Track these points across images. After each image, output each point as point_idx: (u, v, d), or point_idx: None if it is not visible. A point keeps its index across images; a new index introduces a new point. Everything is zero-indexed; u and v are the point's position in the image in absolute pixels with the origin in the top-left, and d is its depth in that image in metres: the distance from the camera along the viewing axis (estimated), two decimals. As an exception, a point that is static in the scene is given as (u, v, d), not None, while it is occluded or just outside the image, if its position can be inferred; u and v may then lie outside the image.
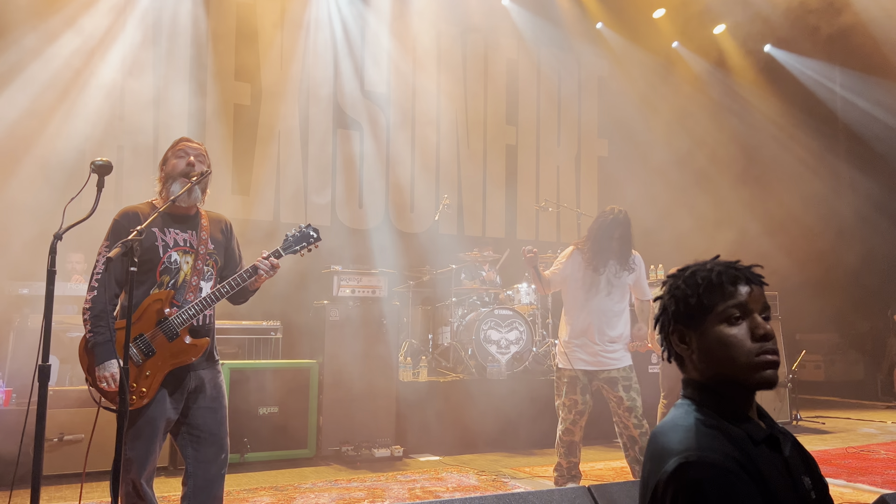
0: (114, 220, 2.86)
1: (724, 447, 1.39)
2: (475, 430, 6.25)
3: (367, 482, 4.95)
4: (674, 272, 1.64)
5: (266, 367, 5.71)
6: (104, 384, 2.72)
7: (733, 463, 1.36)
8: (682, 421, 1.48)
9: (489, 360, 6.66)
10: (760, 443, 1.46)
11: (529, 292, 7.48)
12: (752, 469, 1.37)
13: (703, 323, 1.52)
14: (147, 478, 2.78)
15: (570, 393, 4.54)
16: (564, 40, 10.14)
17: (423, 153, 9.15)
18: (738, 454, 1.38)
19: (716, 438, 1.41)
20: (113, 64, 7.25)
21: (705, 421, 1.46)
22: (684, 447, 1.39)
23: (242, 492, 4.62)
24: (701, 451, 1.37)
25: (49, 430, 4.64)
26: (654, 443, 1.50)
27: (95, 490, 4.59)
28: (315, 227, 3.07)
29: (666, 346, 1.62)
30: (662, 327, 1.61)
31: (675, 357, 1.61)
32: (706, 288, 1.52)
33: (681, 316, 1.55)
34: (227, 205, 7.57)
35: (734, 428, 1.46)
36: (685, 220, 10.25)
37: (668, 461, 1.39)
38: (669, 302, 1.58)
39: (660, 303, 1.62)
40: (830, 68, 11.25)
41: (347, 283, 6.07)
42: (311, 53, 8.41)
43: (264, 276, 2.92)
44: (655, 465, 1.44)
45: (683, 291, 1.55)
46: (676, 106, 10.68)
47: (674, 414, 1.54)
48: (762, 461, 1.42)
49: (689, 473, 1.35)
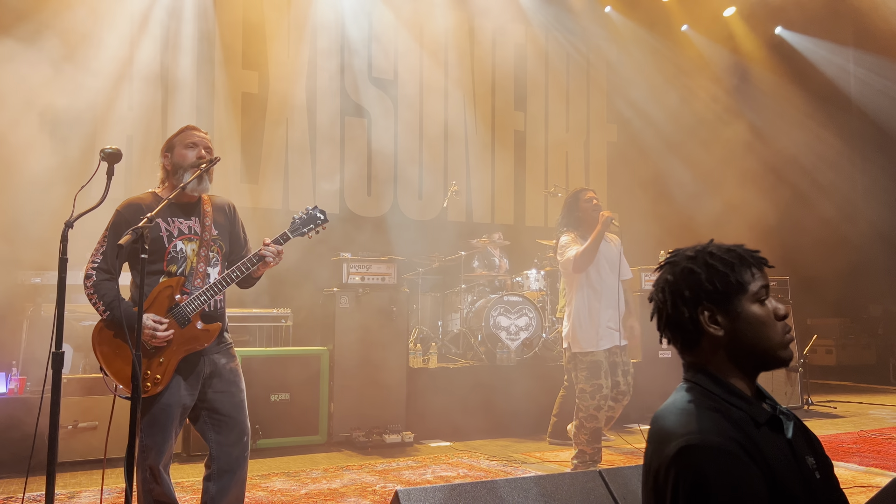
0: (116, 212, 2.86)
1: (726, 430, 1.39)
2: (485, 416, 6.27)
3: (378, 467, 4.98)
4: (673, 255, 1.59)
5: (277, 355, 5.74)
6: (153, 339, 2.72)
7: (735, 445, 1.35)
8: (684, 404, 1.48)
9: (499, 347, 6.67)
10: (763, 425, 1.45)
11: (539, 278, 7.47)
12: (755, 451, 1.37)
13: (740, 303, 1.50)
14: (165, 464, 2.81)
15: (594, 377, 4.56)
16: (573, 25, 10.07)
17: (430, 140, 9.13)
18: (740, 436, 1.38)
19: (718, 421, 1.41)
20: (119, 54, 7.25)
21: (707, 404, 1.46)
22: (686, 430, 1.39)
23: (255, 477, 4.66)
24: (702, 433, 1.37)
25: (63, 418, 4.69)
26: (655, 425, 1.50)
27: (110, 476, 4.63)
28: (322, 210, 3.07)
29: (684, 327, 1.54)
30: (685, 306, 1.53)
31: (685, 338, 1.56)
32: (740, 266, 1.52)
33: (716, 294, 1.50)
34: (236, 193, 7.59)
35: (736, 410, 1.45)
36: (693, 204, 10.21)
37: (670, 444, 1.39)
38: (702, 280, 1.51)
39: (679, 281, 1.55)
40: (843, 50, 11.12)
41: (357, 271, 6.08)
42: (319, 41, 8.38)
43: (271, 262, 2.92)
44: (657, 447, 1.44)
45: (719, 270, 1.51)
46: (686, 90, 10.60)
47: (675, 397, 1.53)
48: (765, 443, 1.41)
49: (691, 456, 1.35)
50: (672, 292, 1.56)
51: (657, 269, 1.62)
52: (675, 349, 1.59)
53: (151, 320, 2.74)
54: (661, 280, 1.59)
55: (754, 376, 1.54)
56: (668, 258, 1.61)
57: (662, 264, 1.61)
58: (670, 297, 1.56)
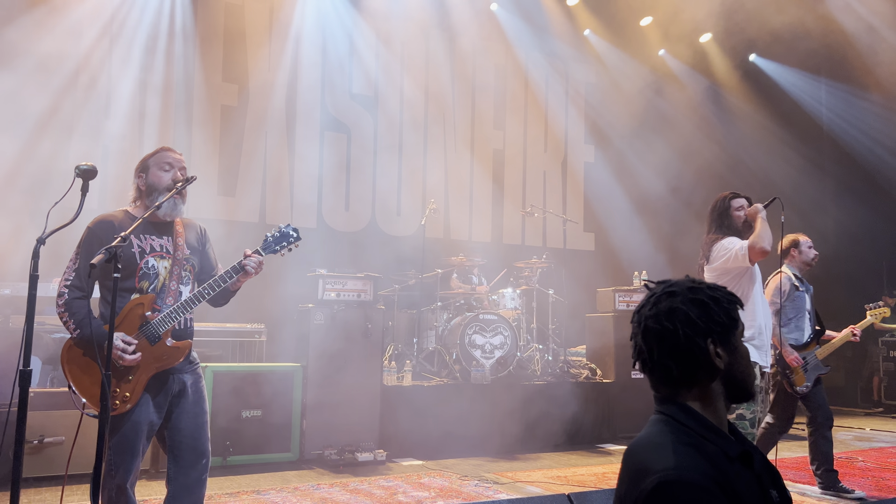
0: (87, 228, 2.85)
1: (702, 465, 1.41)
2: (458, 435, 6.26)
3: (349, 486, 4.95)
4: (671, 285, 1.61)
5: (250, 370, 5.69)
6: (121, 360, 2.71)
7: (710, 482, 1.38)
8: (660, 438, 1.50)
9: (473, 365, 6.68)
10: (735, 459, 1.48)
11: (514, 297, 7.51)
12: (728, 487, 1.40)
13: (735, 337, 1.58)
14: (131, 483, 2.79)
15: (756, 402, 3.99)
16: (552, 46, 10.20)
17: (409, 157, 9.16)
18: (714, 472, 1.40)
19: (693, 457, 1.43)
20: (98, 63, 7.21)
21: (682, 438, 1.48)
22: (662, 466, 1.40)
23: (224, 495, 4.61)
24: (679, 470, 1.39)
25: (29, 433, 4.60)
26: (630, 459, 1.52)
27: (75, 493, 4.56)
28: (295, 227, 3.09)
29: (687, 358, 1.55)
30: (699, 337, 1.55)
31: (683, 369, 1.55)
32: (731, 304, 1.59)
33: (721, 328, 1.55)
34: (213, 206, 7.54)
35: (710, 445, 1.48)
36: (670, 226, 10.35)
37: (646, 479, 1.40)
38: (713, 313, 1.55)
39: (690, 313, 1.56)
40: (816, 79, 11.39)
41: (333, 287, 6.07)
42: (299, 55, 8.39)
43: (252, 272, 2.93)
44: (633, 482, 1.45)
45: (724, 305, 1.56)
46: (662, 113, 10.77)
47: (649, 430, 1.55)
48: (736, 478, 1.44)
49: (668, 493, 1.36)
50: (683, 322, 1.55)
51: (651, 296, 1.61)
52: (650, 380, 1.59)
53: (121, 340, 2.72)
54: (667, 308, 1.57)
55: (729, 408, 1.61)
56: (665, 288, 1.60)
57: (659, 293, 1.60)
58: (682, 327, 1.54)
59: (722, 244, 4.18)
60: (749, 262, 4.06)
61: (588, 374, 7.35)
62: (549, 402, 6.72)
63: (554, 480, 5.28)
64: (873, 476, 5.69)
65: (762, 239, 4.02)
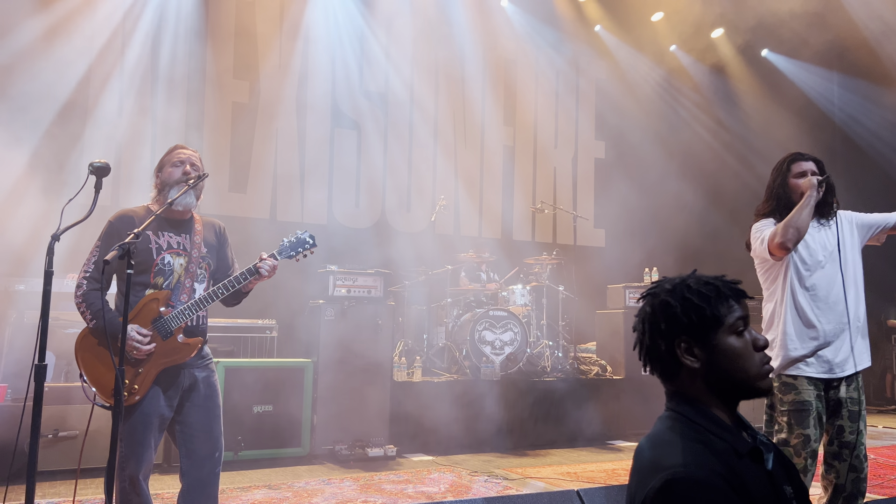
0: (108, 223, 2.91)
1: (710, 462, 1.41)
2: (468, 431, 6.28)
3: (359, 481, 4.98)
4: (655, 286, 1.64)
5: (261, 366, 5.73)
6: (135, 351, 2.76)
7: (719, 479, 1.37)
8: (668, 435, 1.50)
9: (483, 361, 6.69)
10: (744, 455, 1.48)
11: (524, 293, 7.52)
12: (737, 484, 1.39)
13: (715, 335, 1.54)
14: (144, 475, 2.82)
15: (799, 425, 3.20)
16: (563, 42, 10.17)
17: (420, 153, 9.18)
18: (723, 469, 1.40)
19: (702, 454, 1.43)
20: (111, 61, 7.27)
21: (690, 435, 1.48)
22: (670, 463, 1.41)
23: (236, 490, 4.65)
24: (687, 467, 1.39)
25: (44, 426, 4.67)
26: (640, 456, 1.52)
27: (90, 486, 4.62)
28: (311, 234, 3.15)
29: (662, 358, 1.59)
30: (661, 338, 1.58)
31: (664, 369, 1.60)
32: (717, 300, 1.56)
33: (692, 328, 1.55)
34: (224, 202, 7.59)
35: (719, 441, 1.48)
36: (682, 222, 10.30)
37: (655, 477, 1.40)
38: (678, 314, 1.56)
39: (657, 314, 1.59)
40: (828, 74, 11.30)
41: (343, 283, 6.10)
42: (310, 53, 8.42)
43: (266, 276, 2.99)
44: (642, 479, 1.45)
45: (695, 303, 1.55)
46: (674, 109, 10.72)
47: (658, 427, 1.55)
48: (746, 474, 1.44)
49: (676, 490, 1.36)
50: (650, 324, 1.60)
51: (640, 299, 1.66)
52: (658, 378, 1.63)
53: (136, 332, 2.76)
54: (641, 312, 1.64)
55: (734, 406, 1.58)
56: (650, 289, 1.65)
57: (644, 295, 1.65)
58: (648, 329, 1.61)
59: (756, 227, 3.32)
60: (768, 255, 3.20)
61: (598, 371, 7.35)
62: (559, 398, 6.73)
63: (563, 477, 5.29)
64: (884, 474, 5.66)
65: (786, 229, 3.09)
